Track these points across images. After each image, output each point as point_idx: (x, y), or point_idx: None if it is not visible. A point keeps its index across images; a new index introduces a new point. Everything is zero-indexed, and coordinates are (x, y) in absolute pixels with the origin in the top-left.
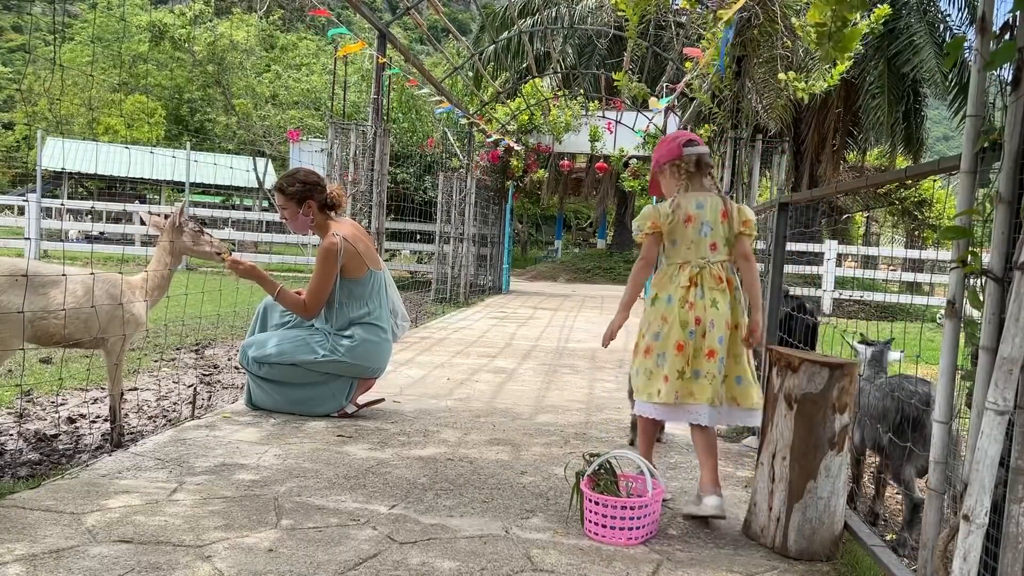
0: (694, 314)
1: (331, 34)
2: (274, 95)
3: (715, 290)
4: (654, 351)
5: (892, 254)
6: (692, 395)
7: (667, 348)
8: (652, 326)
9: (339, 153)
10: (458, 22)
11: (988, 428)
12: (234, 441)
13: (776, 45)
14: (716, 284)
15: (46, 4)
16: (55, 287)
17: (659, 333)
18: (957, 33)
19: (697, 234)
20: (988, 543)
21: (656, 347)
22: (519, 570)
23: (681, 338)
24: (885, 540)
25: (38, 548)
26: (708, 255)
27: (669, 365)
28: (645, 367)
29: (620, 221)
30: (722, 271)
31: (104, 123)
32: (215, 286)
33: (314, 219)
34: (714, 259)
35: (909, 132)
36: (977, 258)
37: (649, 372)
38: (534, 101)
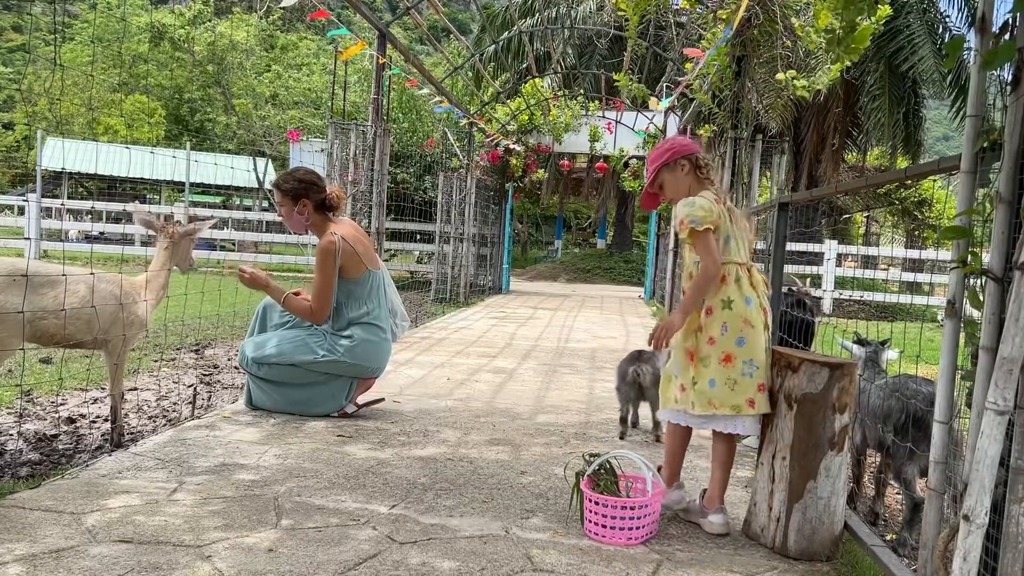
0: (768, 319)
1: (331, 35)
2: (274, 95)
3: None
4: (737, 359)
5: (892, 254)
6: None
7: (756, 354)
8: (732, 332)
9: (339, 153)
10: (458, 22)
11: (988, 428)
12: (234, 441)
13: (776, 45)
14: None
15: (46, 4)
16: (55, 287)
17: (743, 339)
18: (956, 33)
19: (742, 235)
20: (988, 543)
21: (740, 354)
22: (519, 570)
23: (767, 342)
24: (885, 540)
25: (38, 548)
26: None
27: (762, 372)
28: (727, 376)
29: (620, 221)
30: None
31: (104, 123)
32: (215, 286)
33: (310, 218)
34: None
35: (909, 132)
36: (977, 258)
37: (733, 382)
38: (534, 101)
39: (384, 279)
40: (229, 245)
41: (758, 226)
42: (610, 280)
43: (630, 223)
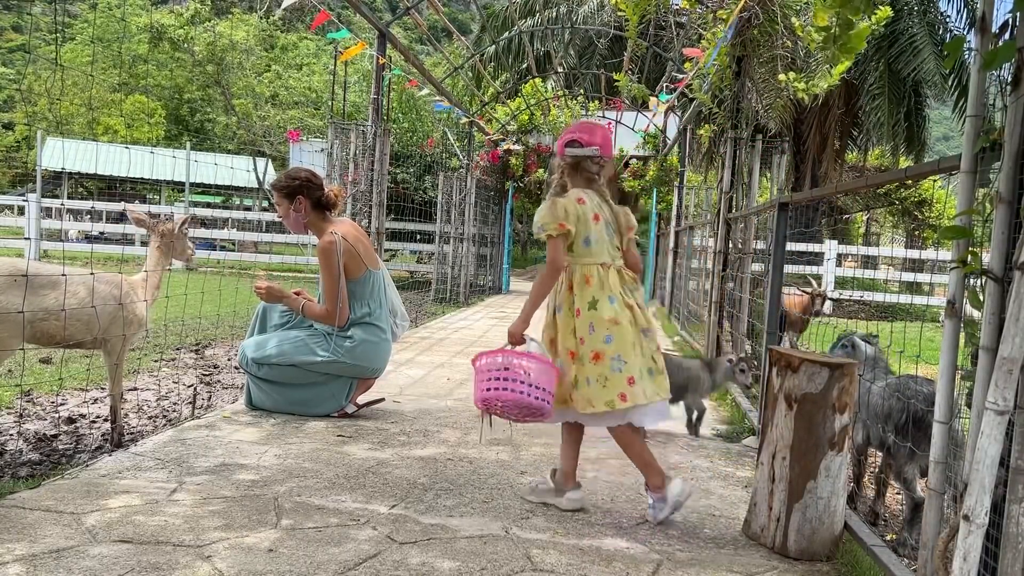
0: (635, 314)
1: (331, 36)
2: (274, 95)
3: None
4: (606, 356)
5: (892, 254)
6: (658, 393)
7: (624, 350)
8: (599, 331)
9: (339, 153)
10: (458, 22)
11: (988, 428)
12: (234, 441)
13: (776, 45)
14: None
15: (46, 4)
16: (55, 287)
17: (611, 336)
18: (957, 34)
19: (605, 234)
20: (988, 543)
21: (608, 351)
22: (519, 570)
23: (635, 338)
24: (885, 540)
25: (38, 548)
26: (616, 258)
27: (630, 366)
28: (599, 373)
29: None
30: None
31: (104, 123)
32: (215, 286)
33: (307, 217)
34: (616, 263)
35: (911, 133)
36: (977, 258)
37: (604, 378)
38: (534, 101)
39: (384, 279)
40: (229, 245)
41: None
42: None
43: None
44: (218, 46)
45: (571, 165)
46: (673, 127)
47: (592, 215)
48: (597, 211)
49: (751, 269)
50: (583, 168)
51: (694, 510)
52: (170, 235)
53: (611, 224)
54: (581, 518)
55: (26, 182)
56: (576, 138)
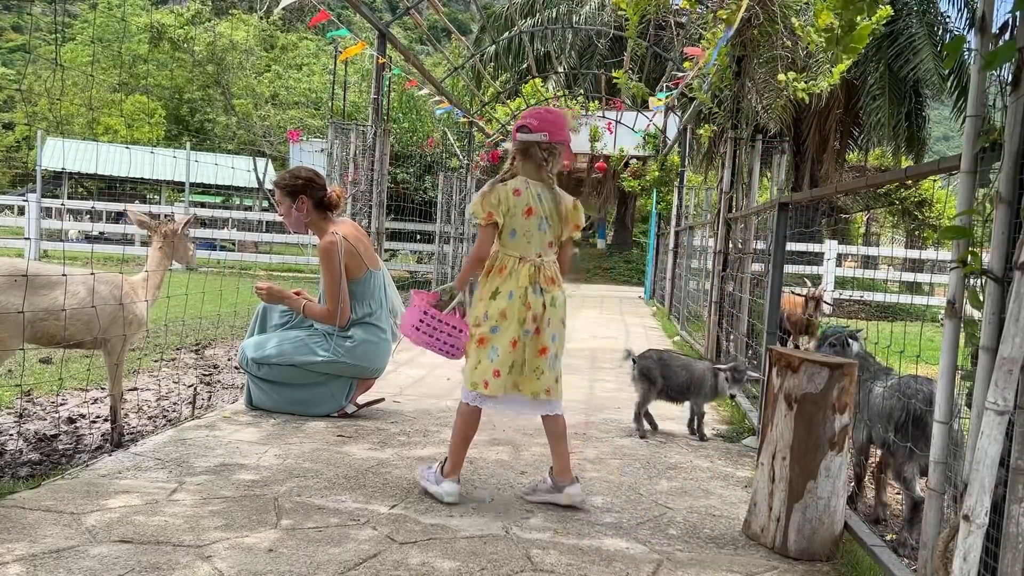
0: (532, 313)
1: (331, 35)
2: (274, 95)
3: (550, 290)
4: (489, 343)
5: (892, 254)
6: (517, 388)
7: (502, 343)
8: (491, 320)
9: (339, 153)
10: (458, 22)
11: (988, 428)
12: (234, 441)
13: (776, 45)
14: (549, 285)
15: (46, 4)
16: (55, 288)
17: (497, 328)
18: (957, 34)
19: (536, 228)
20: (988, 543)
21: (491, 340)
22: (519, 570)
23: (517, 335)
24: (885, 540)
25: (38, 548)
26: (546, 252)
27: (501, 360)
28: (477, 357)
29: (620, 221)
30: (554, 271)
31: (104, 123)
32: (215, 286)
33: (308, 216)
34: (548, 257)
35: (911, 133)
36: (977, 258)
37: (478, 362)
38: (534, 101)
39: (385, 279)
40: (229, 245)
41: (758, 224)
42: (610, 280)
43: (630, 223)
44: (218, 46)
45: (520, 151)
46: (673, 127)
47: (525, 208)
48: (533, 204)
49: (751, 269)
50: (531, 155)
51: (694, 510)
52: (172, 236)
53: (548, 219)
54: (581, 518)
55: (26, 182)
56: (526, 123)
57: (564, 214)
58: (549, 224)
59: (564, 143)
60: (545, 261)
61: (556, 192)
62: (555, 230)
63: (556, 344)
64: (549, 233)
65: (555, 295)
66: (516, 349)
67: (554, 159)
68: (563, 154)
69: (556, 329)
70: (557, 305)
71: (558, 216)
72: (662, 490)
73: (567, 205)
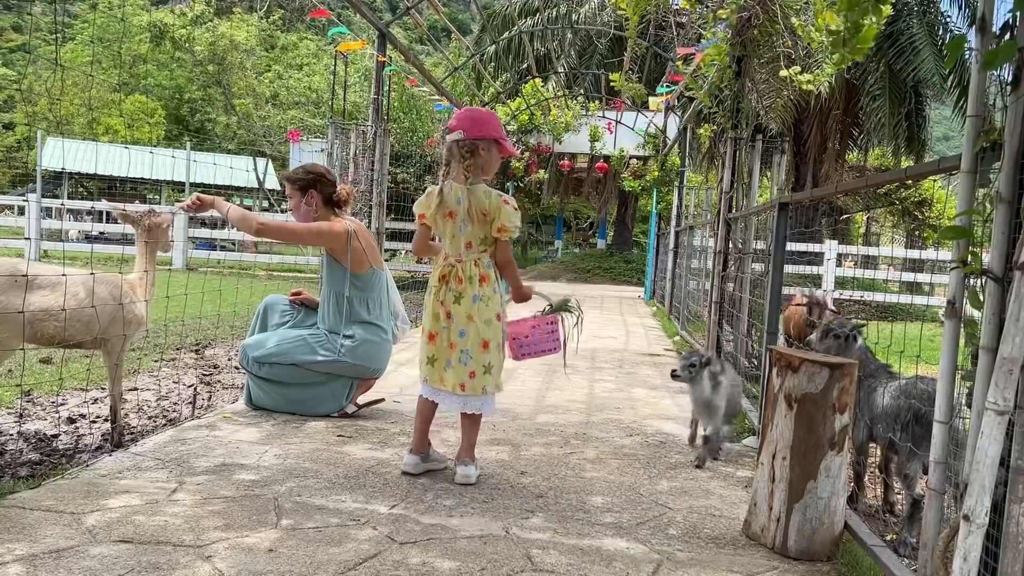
0: (445, 309)
1: (331, 33)
2: (275, 95)
3: (459, 288)
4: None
5: (892, 254)
6: (441, 382)
7: (423, 337)
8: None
9: (339, 153)
10: (458, 22)
11: (988, 428)
12: (234, 441)
13: (776, 45)
14: (457, 285)
15: (46, 4)
16: (55, 288)
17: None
18: (957, 34)
19: (455, 230)
20: (988, 543)
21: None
22: (519, 570)
23: (434, 330)
24: (885, 540)
25: (38, 548)
26: (463, 253)
27: (421, 352)
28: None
29: (620, 221)
30: (475, 269)
31: (104, 123)
32: (215, 286)
33: (317, 211)
34: (468, 257)
35: (911, 133)
36: (977, 258)
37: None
38: (534, 101)
39: (387, 280)
40: (229, 245)
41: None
42: (610, 280)
43: (630, 223)
44: (219, 46)
45: (449, 151)
46: (673, 127)
47: (446, 213)
48: (453, 208)
49: (751, 269)
50: (453, 154)
51: (694, 510)
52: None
53: (465, 221)
54: (581, 518)
55: (26, 182)
56: (448, 124)
57: (483, 214)
58: (468, 226)
59: (486, 138)
60: (464, 262)
61: (478, 192)
62: (475, 231)
63: (465, 340)
64: (468, 235)
65: (465, 293)
66: (433, 343)
67: (475, 157)
68: (492, 149)
69: (464, 325)
70: (463, 303)
71: (477, 217)
72: (662, 490)
73: (489, 204)
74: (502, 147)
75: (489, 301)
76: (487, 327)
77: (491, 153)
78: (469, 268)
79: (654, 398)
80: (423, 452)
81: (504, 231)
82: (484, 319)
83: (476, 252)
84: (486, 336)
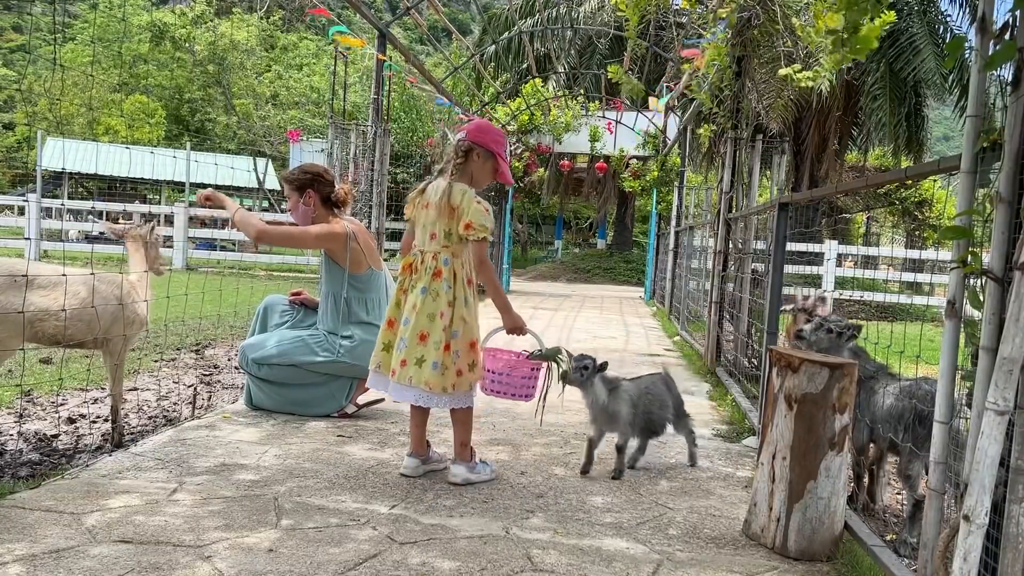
0: (406, 297)
1: (333, 31)
2: (275, 95)
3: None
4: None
5: (892, 254)
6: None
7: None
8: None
9: (339, 153)
10: (458, 22)
11: (988, 428)
12: (234, 441)
13: (776, 45)
14: (413, 274)
15: (46, 4)
16: (55, 288)
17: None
18: (957, 32)
19: (426, 220)
20: (988, 543)
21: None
22: (519, 570)
23: (393, 315)
24: (885, 540)
25: (38, 548)
26: (426, 244)
27: (380, 337)
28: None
29: (620, 221)
30: (433, 262)
31: (104, 123)
32: (215, 286)
33: (315, 211)
34: (428, 248)
35: (911, 133)
36: (977, 258)
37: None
38: (534, 101)
39: (387, 280)
40: (229, 245)
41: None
42: (610, 280)
43: (630, 223)
44: (219, 46)
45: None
46: (673, 127)
47: (425, 203)
48: (431, 199)
49: (751, 268)
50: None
51: (694, 510)
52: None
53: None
54: (581, 518)
55: (26, 182)
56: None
57: (453, 208)
58: (436, 217)
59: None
60: (426, 252)
61: (455, 187)
62: (440, 224)
63: (406, 329)
64: (433, 226)
65: (417, 283)
66: (391, 329)
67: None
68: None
69: (408, 314)
70: (414, 293)
71: (445, 209)
72: (662, 490)
73: (460, 200)
74: (497, 164)
75: (437, 297)
76: (429, 321)
77: (484, 163)
78: (428, 260)
79: None
80: (422, 455)
81: (471, 229)
82: (428, 312)
83: (438, 245)
84: (425, 329)
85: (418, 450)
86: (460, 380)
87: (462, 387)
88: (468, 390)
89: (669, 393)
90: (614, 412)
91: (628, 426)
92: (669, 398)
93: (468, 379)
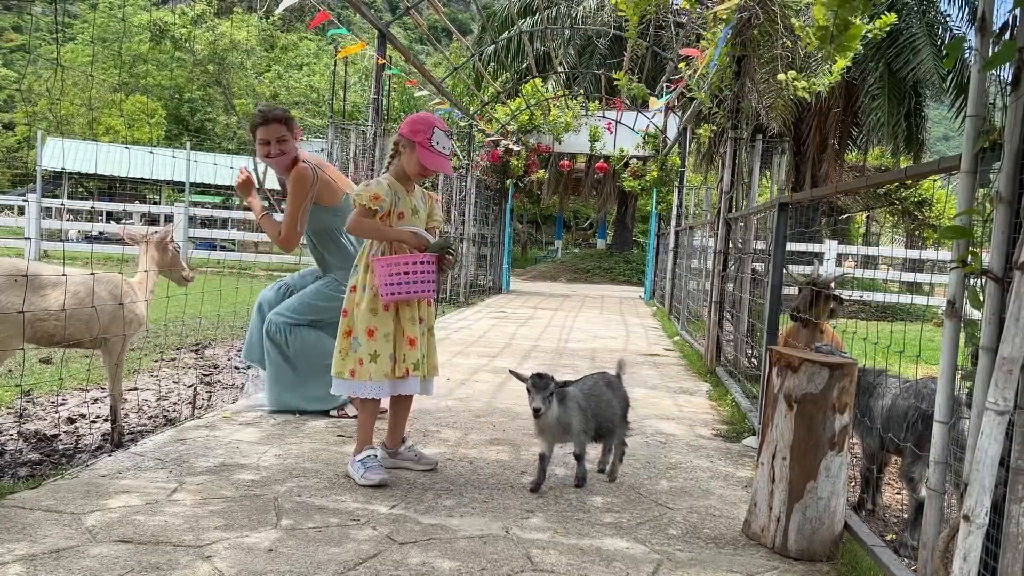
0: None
1: (331, 34)
2: (275, 95)
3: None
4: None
5: (892, 254)
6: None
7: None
8: None
9: (339, 153)
10: (458, 22)
11: (988, 428)
12: (234, 441)
13: (776, 45)
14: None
15: (46, 4)
16: (55, 287)
17: None
18: (957, 33)
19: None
20: (988, 543)
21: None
22: (519, 570)
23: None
24: (885, 540)
25: (38, 548)
26: None
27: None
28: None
29: (620, 221)
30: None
31: (104, 123)
32: (215, 286)
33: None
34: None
35: (910, 133)
36: (977, 258)
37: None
38: (534, 101)
39: None
40: (229, 245)
41: (754, 224)
42: (610, 280)
43: (630, 223)
44: (219, 46)
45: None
46: (673, 127)
47: None
48: None
49: (751, 268)
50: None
51: (694, 510)
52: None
53: None
54: (581, 518)
55: (26, 182)
56: None
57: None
58: None
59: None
60: None
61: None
62: None
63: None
64: None
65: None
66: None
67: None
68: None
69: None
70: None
71: None
72: (662, 490)
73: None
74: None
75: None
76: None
77: (410, 154)
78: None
79: (654, 398)
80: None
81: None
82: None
83: None
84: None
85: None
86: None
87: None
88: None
89: (614, 393)
90: (566, 424)
91: (582, 434)
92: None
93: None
